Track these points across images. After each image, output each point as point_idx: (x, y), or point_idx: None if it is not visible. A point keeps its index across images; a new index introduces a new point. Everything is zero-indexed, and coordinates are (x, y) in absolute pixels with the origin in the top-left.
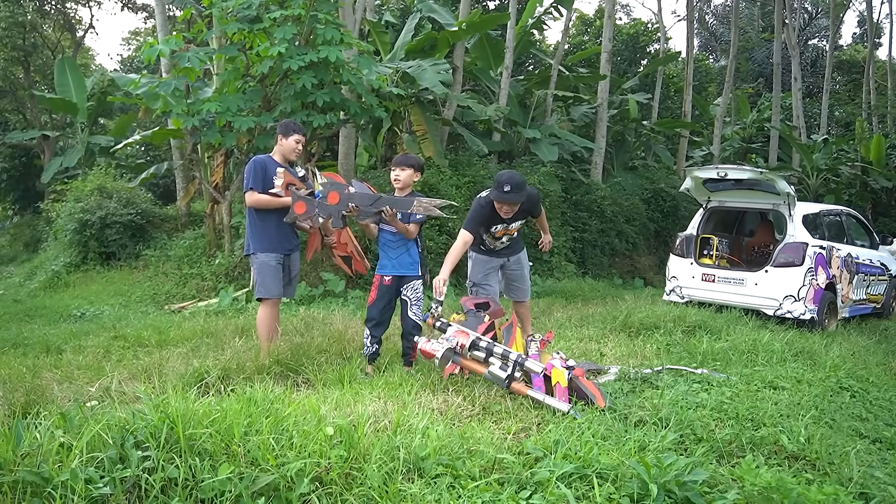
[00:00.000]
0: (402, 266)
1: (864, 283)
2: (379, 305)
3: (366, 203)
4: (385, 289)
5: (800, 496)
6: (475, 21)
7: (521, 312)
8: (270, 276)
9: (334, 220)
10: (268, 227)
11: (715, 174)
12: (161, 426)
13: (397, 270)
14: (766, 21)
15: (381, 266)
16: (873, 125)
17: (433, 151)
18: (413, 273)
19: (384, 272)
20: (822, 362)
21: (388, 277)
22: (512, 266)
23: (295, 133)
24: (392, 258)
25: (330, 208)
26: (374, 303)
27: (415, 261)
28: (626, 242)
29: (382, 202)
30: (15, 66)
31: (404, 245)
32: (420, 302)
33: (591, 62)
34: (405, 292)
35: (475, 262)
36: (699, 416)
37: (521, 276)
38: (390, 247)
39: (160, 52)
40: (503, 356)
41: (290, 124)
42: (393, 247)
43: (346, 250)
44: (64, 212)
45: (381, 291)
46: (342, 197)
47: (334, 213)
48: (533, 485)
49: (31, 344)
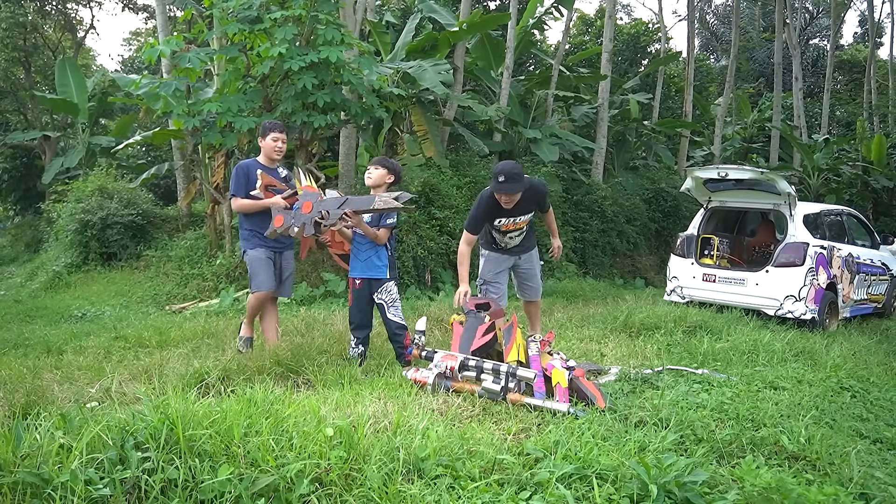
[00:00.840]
0: (371, 268)
1: (865, 282)
2: (356, 308)
3: (333, 207)
4: (357, 292)
5: (800, 496)
6: (476, 21)
7: (532, 311)
8: (263, 269)
9: (307, 228)
10: (255, 228)
11: (716, 174)
12: (161, 427)
13: (366, 273)
14: (767, 21)
15: (352, 268)
16: (874, 125)
17: (434, 152)
18: (381, 276)
19: (354, 274)
20: (823, 362)
21: (358, 280)
22: (523, 265)
23: (272, 132)
24: (361, 260)
25: (304, 217)
26: (352, 305)
27: (384, 263)
28: (627, 242)
29: (347, 205)
30: (16, 66)
31: (373, 248)
32: (397, 302)
33: (591, 62)
34: (379, 296)
35: (487, 260)
36: (699, 417)
37: (533, 275)
38: (360, 249)
39: (161, 53)
40: (494, 370)
41: (267, 124)
42: (362, 249)
43: (342, 248)
44: (65, 212)
45: (354, 294)
46: (314, 205)
47: (307, 220)
48: (533, 486)
49: (31, 344)
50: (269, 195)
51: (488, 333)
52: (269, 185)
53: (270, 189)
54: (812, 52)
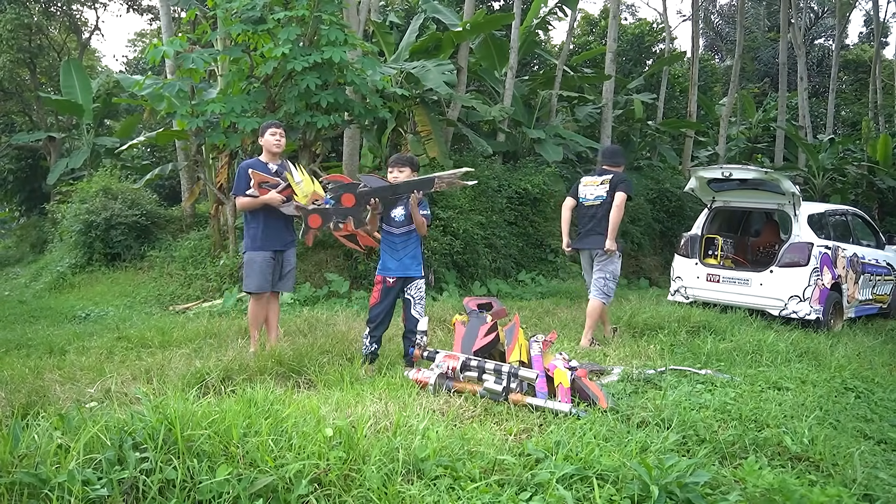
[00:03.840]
0: (407, 267)
1: (870, 283)
2: (382, 306)
3: (386, 194)
4: (388, 290)
5: (803, 498)
6: (480, 21)
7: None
8: (254, 272)
9: (356, 222)
10: (256, 228)
11: (720, 174)
12: (159, 427)
13: (402, 272)
14: (772, 21)
15: (384, 268)
16: (880, 125)
17: (437, 152)
18: (417, 273)
19: (388, 273)
20: (827, 363)
21: (391, 279)
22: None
23: (269, 128)
24: (396, 259)
25: (349, 211)
26: (377, 304)
27: (418, 261)
28: (631, 242)
29: (402, 188)
30: (21, 67)
31: (408, 246)
32: (423, 301)
33: (595, 62)
34: (409, 291)
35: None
36: (702, 417)
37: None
38: (395, 248)
39: (165, 54)
40: (496, 370)
41: (264, 124)
42: (398, 248)
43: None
44: (69, 213)
45: (384, 292)
46: (358, 197)
47: (354, 214)
48: (533, 486)
49: (34, 345)
50: (263, 191)
51: (490, 334)
52: (262, 182)
53: (264, 186)
54: (817, 52)
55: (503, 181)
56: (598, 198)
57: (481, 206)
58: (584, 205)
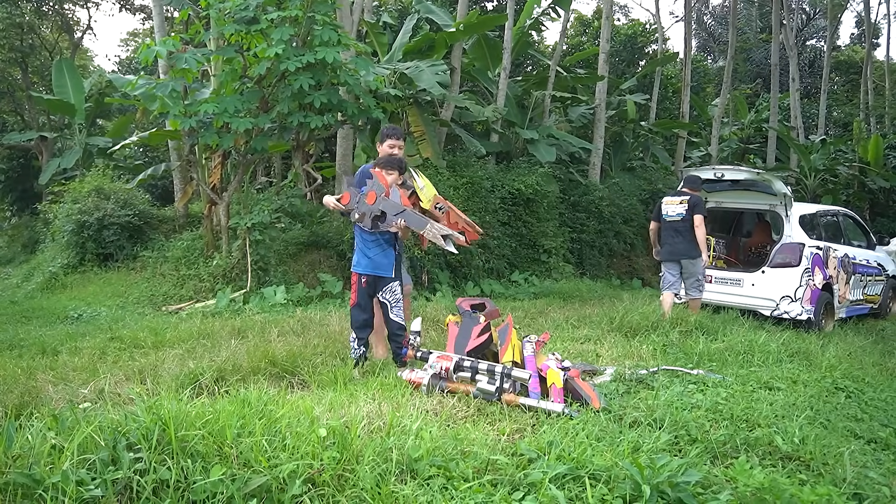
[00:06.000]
0: (378, 266)
1: (861, 283)
2: (360, 308)
3: (391, 212)
4: (362, 290)
5: (793, 497)
6: (473, 22)
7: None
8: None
9: (366, 220)
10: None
11: (712, 175)
12: (153, 428)
13: (373, 270)
14: (764, 22)
15: (357, 263)
16: (871, 125)
17: (431, 152)
18: (388, 274)
19: (360, 270)
20: (818, 363)
21: (364, 278)
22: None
23: (389, 138)
24: (369, 257)
25: (365, 207)
26: (355, 305)
27: (390, 262)
28: (624, 243)
29: (403, 216)
30: (13, 67)
31: (381, 246)
32: (399, 303)
33: (589, 63)
34: (382, 295)
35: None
36: (694, 417)
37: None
38: (368, 246)
39: (157, 54)
40: (489, 371)
41: (385, 130)
42: (370, 246)
43: (457, 228)
44: (61, 213)
45: (360, 293)
46: (377, 200)
47: (367, 212)
48: (526, 486)
49: (27, 345)
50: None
51: (483, 334)
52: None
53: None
54: (809, 53)
55: (496, 181)
56: (679, 215)
57: (474, 207)
58: (667, 220)
